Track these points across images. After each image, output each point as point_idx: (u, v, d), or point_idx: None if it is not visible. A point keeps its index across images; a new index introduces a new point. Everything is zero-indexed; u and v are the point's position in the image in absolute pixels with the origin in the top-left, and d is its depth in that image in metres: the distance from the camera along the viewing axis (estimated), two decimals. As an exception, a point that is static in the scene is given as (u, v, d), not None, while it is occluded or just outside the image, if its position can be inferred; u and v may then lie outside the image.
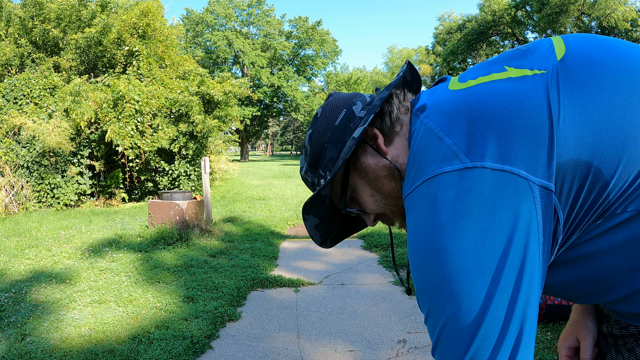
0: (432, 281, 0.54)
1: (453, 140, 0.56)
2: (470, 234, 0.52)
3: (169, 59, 11.20)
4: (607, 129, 0.53)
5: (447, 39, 37.13)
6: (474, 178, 0.53)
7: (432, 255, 0.54)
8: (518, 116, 0.54)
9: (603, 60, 0.57)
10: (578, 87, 0.56)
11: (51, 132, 8.17)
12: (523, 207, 0.52)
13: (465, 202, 0.52)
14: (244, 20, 40.98)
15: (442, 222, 0.53)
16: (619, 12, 23.77)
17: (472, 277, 0.51)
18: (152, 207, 5.66)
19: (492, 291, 0.51)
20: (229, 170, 14.73)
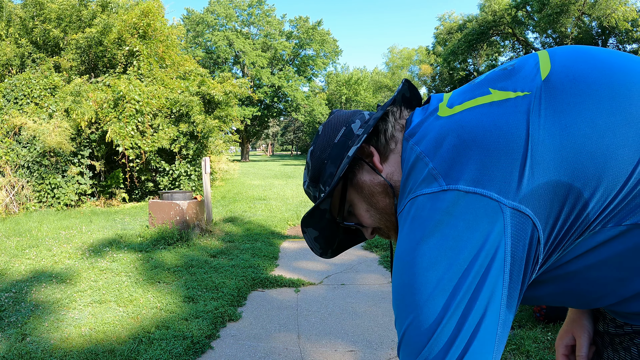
0: (401, 290, 0.59)
1: (434, 164, 0.60)
2: (437, 250, 0.56)
3: (169, 59, 11.21)
4: (587, 150, 0.55)
5: (447, 39, 37.12)
6: (447, 199, 0.56)
7: (404, 267, 0.59)
8: (495, 141, 0.57)
9: (587, 77, 0.59)
10: (560, 108, 0.57)
11: (52, 132, 8.17)
12: (492, 228, 0.54)
13: (437, 221, 0.56)
14: (244, 20, 40.99)
15: (416, 238, 0.58)
16: (620, 12, 23.75)
17: (434, 291, 0.55)
18: (152, 207, 5.66)
19: (447, 306, 0.54)
20: (229, 171, 14.74)
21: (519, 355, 2.50)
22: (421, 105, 0.84)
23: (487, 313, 0.54)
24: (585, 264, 0.59)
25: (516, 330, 2.82)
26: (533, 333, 2.72)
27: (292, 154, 78.96)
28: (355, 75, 42.77)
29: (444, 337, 0.54)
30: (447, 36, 37.35)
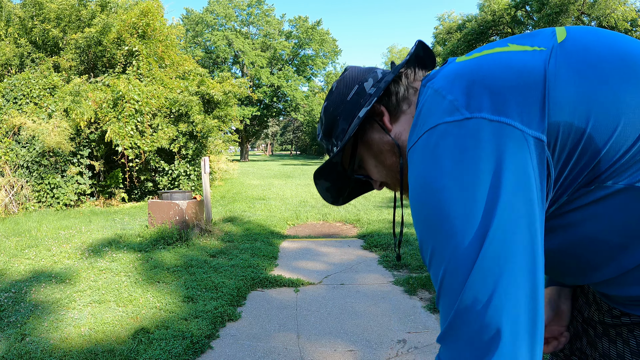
0: (435, 220, 0.57)
1: (453, 97, 0.59)
2: (469, 176, 0.54)
3: (168, 59, 11.20)
4: (600, 103, 0.56)
5: (446, 39, 37.12)
6: (471, 127, 0.56)
7: (435, 195, 0.56)
8: (514, 77, 0.58)
9: (599, 48, 0.60)
10: (575, 66, 0.58)
11: (51, 132, 8.17)
12: (519, 154, 0.54)
13: (464, 148, 0.55)
14: (243, 20, 40.97)
15: (443, 165, 0.56)
16: (619, 12, 23.77)
17: (472, 212, 0.54)
18: (151, 207, 5.66)
19: (487, 225, 0.53)
20: (228, 170, 14.74)
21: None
22: (434, 67, 0.86)
23: (524, 240, 0.53)
24: (589, 214, 0.59)
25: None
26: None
27: (291, 153, 78.95)
28: (355, 75, 42.70)
29: (495, 254, 0.52)
30: (447, 36, 37.34)
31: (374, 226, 6.31)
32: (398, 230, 5.99)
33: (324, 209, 8.07)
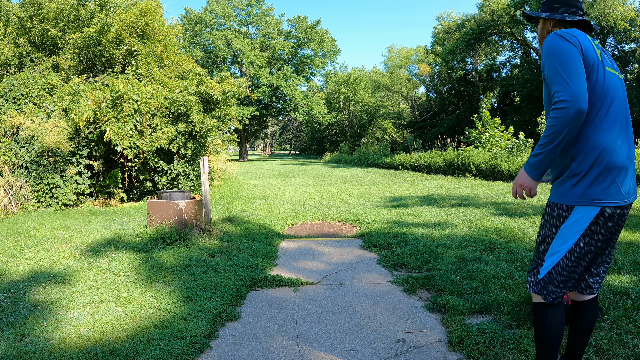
0: (554, 66, 1.80)
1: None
2: (559, 52, 1.80)
3: (167, 59, 11.19)
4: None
5: (446, 39, 37.12)
6: (555, 37, 1.85)
7: (551, 56, 1.81)
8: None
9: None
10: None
11: (50, 131, 8.16)
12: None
13: (555, 42, 1.83)
14: (242, 19, 40.93)
15: (551, 46, 1.84)
16: (618, 11, 23.79)
17: (566, 61, 1.77)
18: (151, 207, 5.66)
19: (568, 64, 1.77)
20: (227, 170, 14.73)
21: (517, 354, 2.51)
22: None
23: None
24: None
25: (515, 329, 2.83)
26: (532, 332, 2.73)
27: (290, 153, 78.92)
28: (354, 75, 42.71)
29: (563, 74, 1.76)
30: (446, 36, 37.34)
31: (373, 226, 6.32)
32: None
33: (323, 209, 8.08)
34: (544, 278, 1.92)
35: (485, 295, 3.37)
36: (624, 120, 1.82)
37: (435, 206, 8.08)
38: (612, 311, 2.96)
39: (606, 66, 1.81)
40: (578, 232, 1.82)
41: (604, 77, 1.78)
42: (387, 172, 18.36)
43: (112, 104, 8.84)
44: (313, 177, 16.55)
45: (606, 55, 1.88)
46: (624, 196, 1.79)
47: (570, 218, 1.83)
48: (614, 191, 1.77)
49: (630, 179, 1.83)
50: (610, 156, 1.76)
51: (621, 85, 1.86)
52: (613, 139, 1.77)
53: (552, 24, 2.01)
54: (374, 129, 44.35)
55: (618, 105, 1.80)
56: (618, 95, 1.81)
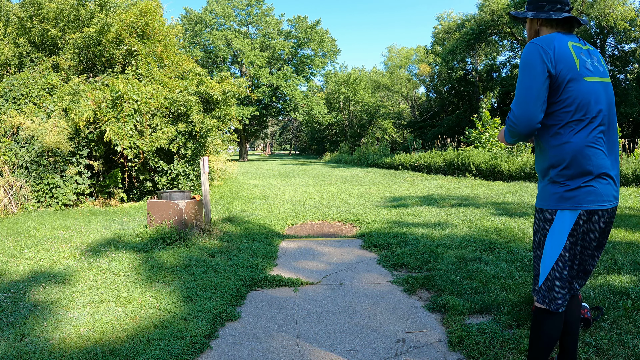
0: (520, 80, 1.91)
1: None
2: (526, 68, 1.89)
3: (167, 59, 11.19)
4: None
5: (445, 39, 37.11)
6: (531, 48, 1.90)
7: (521, 69, 1.92)
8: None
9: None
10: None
11: (50, 131, 8.16)
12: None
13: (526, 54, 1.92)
14: (242, 19, 40.92)
15: (524, 59, 1.91)
16: (618, 11, 23.77)
17: (524, 81, 1.89)
18: (151, 207, 5.66)
19: (525, 83, 1.88)
20: (227, 170, 14.73)
21: (517, 354, 2.51)
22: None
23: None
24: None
25: (515, 329, 2.83)
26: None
27: (290, 153, 78.90)
28: (354, 75, 42.70)
29: (523, 90, 1.88)
30: (446, 36, 37.33)
31: (373, 226, 6.32)
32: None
33: (323, 209, 8.07)
34: (543, 285, 1.97)
35: (485, 295, 3.37)
36: (605, 127, 1.87)
37: (435, 206, 8.08)
38: (612, 311, 2.96)
39: (585, 76, 1.84)
40: (564, 235, 1.88)
41: (582, 88, 1.82)
42: (387, 172, 18.36)
43: (112, 104, 8.83)
44: (313, 177, 16.55)
45: (590, 60, 1.90)
46: (603, 200, 1.85)
47: (555, 222, 1.90)
48: (593, 196, 1.84)
49: (611, 183, 1.88)
50: (588, 162, 1.82)
51: (605, 91, 1.89)
52: (592, 146, 1.83)
53: (539, 23, 2.02)
54: (374, 129, 44.34)
55: (599, 115, 1.84)
56: (600, 104, 1.85)
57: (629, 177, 10.28)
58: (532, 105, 1.84)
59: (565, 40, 1.88)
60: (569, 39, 1.89)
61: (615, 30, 25.35)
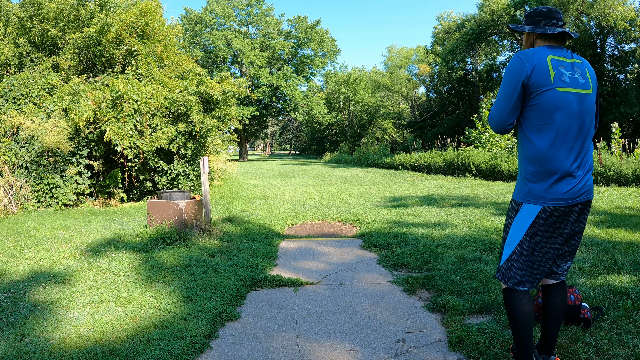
0: (501, 86, 2.18)
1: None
2: (507, 78, 2.13)
3: (167, 59, 11.19)
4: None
5: (445, 39, 37.12)
6: (514, 60, 2.12)
7: (504, 76, 2.15)
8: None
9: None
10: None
11: (50, 131, 8.16)
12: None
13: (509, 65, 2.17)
14: (242, 19, 40.93)
15: (507, 68, 2.15)
16: (618, 11, 23.77)
17: (502, 89, 2.15)
18: (151, 207, 5.66)
19: (502, 91, 2.16)
20: (227, 170, 14.73)
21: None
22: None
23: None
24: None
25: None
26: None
27: (290, 153, 78.90)
28: (354, 75, 42.71)
29: (499, 101, 2.15)
30: (446, 36, 37.33)
31: (373, 226, 6.32)
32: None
33: (323, 209, 8.08)
34: (503, 265, 2.23)
35: (485, 295, 3.37)
36: (574, 133, 2.04)
37: (435, 206, 8.08)
38: (612, 311, 2.96)
39: (559, 87, 2.02)
40: (525, 225, 2.13)
41: (553, 98, 2.02)
42: (387, 172, 18.36)
43: (112, 104, 8.83)
44: (313, 177, 16.55)
45: (571, 72, 2.06)
46: (566, 199, 2.06)
47: (520, 212, 2.15)
48: (555, 193, 2.05)
49: (575, 183, 2.06)
50: (553, 164, 2.04)
51: (580, 101, 2.05)
52: (557, 149, 2.03)
53: (535, 36, 2.20)
54: (374, 129, 44.35)
55: (567, 121, 2.03)
56: (570, 112, 2.02)
57: (629, 177, 10.29)
58: (504, 110, 2.13)
59: (546, 54, 2.06)
60: (551, 52, 2.07)
61: (615, 30, 25.34)
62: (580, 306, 2.82)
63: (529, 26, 2.20)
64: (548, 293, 2.30)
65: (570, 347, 2.53)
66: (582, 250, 4.60)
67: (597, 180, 10.65)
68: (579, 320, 2.79)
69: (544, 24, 2.15)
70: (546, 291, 2.31)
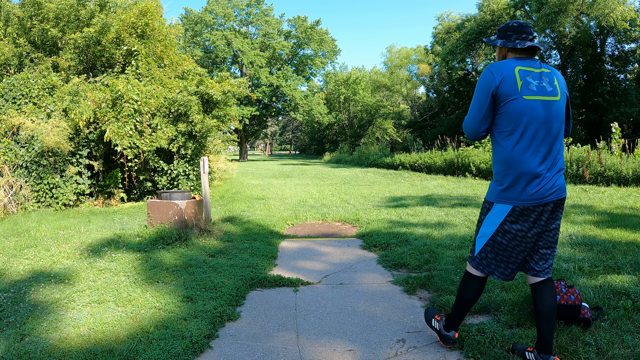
0: (474, 96, 2.33)
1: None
2: (478, 89, 2.30)
3: (167, 59, 11.19)
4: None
5: (445, 39, 37.13)
6: (485, 72, 2.29)
7: (476, 87, 2.31)
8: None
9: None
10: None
11: (50, 131, 8.16)
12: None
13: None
14: (242, 19, 40.91)
15: (479, 79, 2.30)
16: (618, 11, 23.77)
17: (474, 100, 2.32)
18: (151, 207, 5.66)
19: (474, 102, 2.32)
20: (227, 170, 14.73)
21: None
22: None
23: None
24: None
25: (515, 329, 2.83)
26: (531, 332, 2.73)
27: (290, 153, 78.89)
28: (354, 75, 42.69)
29: (471, 110, 2.33)
30: (446, 36, 37.35)
31: (373, 226, 6.32)
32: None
33: (323, 209, 8.07)
34: (477, 255, 2.44)
35: (485, 295, 3.37)
36: (541, 138, 2.19)
37: (435, 206, 8.08)
38: (612, 311, 2.96)
39: (525, 95, 2.18)
40: (496, 223, 2.31)
41: (520, 106, 2.17)
42: (387, 172, 18.36)
43: (112, 104, 8.83)
44: (313, 177, 16.55)
45: (538, 81, 2.21)
46: (534, 198, 2.20)
47: (491, 211, 2.34)
48: (524, 194, 2.21)
49: (544, 184, 2.20)
50: (520, 167, 2.19)
51: (546, 107, 2.19)
52: (524, 153, 2.19)
53: (507, 50, 2.36)
54: (374, 129, 44.33)
55: (534, 127, 2.17)
56: (536, 118, 2.17)
57: (629, 177, 10.29)
58: (475, 120, 2.31)
59: (514, 66, 2.22)
60: (519, 64, 2.23)
61: (615, 30, 25.34)
62: (580, 306, 2.82)
63: (501, 40, 2.35)
64: (535, 291, 2.38)
65: (570, 347, 2.53)
66: (582, 250, 4.61)
67: (597, 180, 10.65)
68: (579, 320, 2.79)
69: (514, 38, 2.31)
70: (534, 289, 2.39)
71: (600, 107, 26.00)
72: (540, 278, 2.36)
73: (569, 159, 11.60)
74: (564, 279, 3.19)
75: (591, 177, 10.79)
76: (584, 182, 10.88)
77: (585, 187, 9.99)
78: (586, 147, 12.50)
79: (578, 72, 27.80)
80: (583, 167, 11.05)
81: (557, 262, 4.16)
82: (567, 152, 12.13)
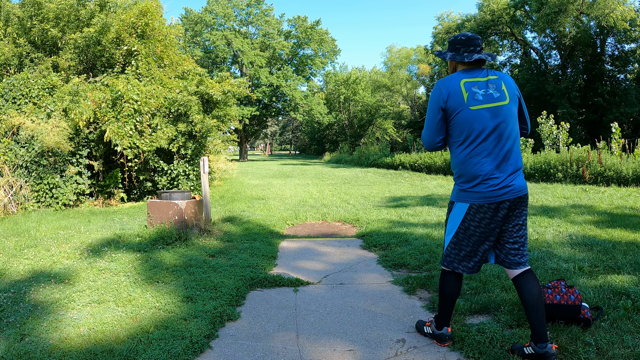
0: (427, 111, 2.55)
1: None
2: (430, 104, 2.52)
3: (167, 59, 11.19)
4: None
5: (445, 39, 37.07)
6: (435, 88, 2.50)
7: (429, 102, 2.52)
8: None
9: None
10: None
11: (50, 131, 8.16)
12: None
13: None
14: (242, 19, 40.91)
15: (431, 95, 2.51)
16: (618, 11, 23.77)
17: (427, 114, 2.54)
18: (151, 207, 5.66)
19: (427, 116, 2.53)
20: (227, 170, 14.73)
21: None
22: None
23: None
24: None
25: (515, 329, 2.83)
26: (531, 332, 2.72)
27: (290, 153, 78.89)
28: (354, 75, 42.71)
29: (426, 125, 2.53)
30: (446, 36, 37.30)
31: (373, 226, 6.32)
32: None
33: (323, 209, 8.08)
34: (444, 252, 2.63)
35: (485, 295, 3.37)
36: (492, 142, 2.35)
37: (435, 206, 8.08)
38: (612, 311, 2.96)
39: (472, 106, 2.36)
40: (458, 220, 2.51)
41: (467, 116, 2.36)
42: (387, 172, 18.36)
43: (112, 104, 8.83)
44: (313, 177, 16.55)
45: (484, 90, 2.37)
46: (488, 197, 2.37)
47: (453, 210, 2.55)
48: (478, 193, 2.39)
49: (496, 184, 2.36)
50: (472, 170, 2.38)
51: (492, 114, 2.36)
52: (474, 157, 2.37)
53: (456, 63, 2.53)
54: (374, 129, 44.34)
55: (484, 134, 2.35)
56: (484, 125, 2.35)
57: (629, 177, 10.29)
58: (430, 132, 2.51)
59: (460, 79, 2.41)
60: (465, 76, 2.41)
61: (615, 30, 25.34)
62: (580, 306, 2.82)
63: (450, 53, 2.52)
64: (517, 284, 2.49)
65: (570, 347, 2.53)
66: (582, 250, 4.61)
67: (597, 180, 10.65)
68: (579, 320, 2.79)
69: (463, 51, 2.48)
70: (515, 283, 2.50)
71: (600, 107, 26.01)
72: (516, 270, 2.48)
73: (569, 159, 11.61)
74: (564, 279, 3.19)
75: (591, 177, 10.79)
76: (584, 182, 10.88)
77: (585, 187, 9.99)
78: (586, 147, 12.50)
79: (578, 72, 27.80)
80: (583, 167, 11.05)
81: (557, 262, 4.17)
82: (567, 152, 12.13)
